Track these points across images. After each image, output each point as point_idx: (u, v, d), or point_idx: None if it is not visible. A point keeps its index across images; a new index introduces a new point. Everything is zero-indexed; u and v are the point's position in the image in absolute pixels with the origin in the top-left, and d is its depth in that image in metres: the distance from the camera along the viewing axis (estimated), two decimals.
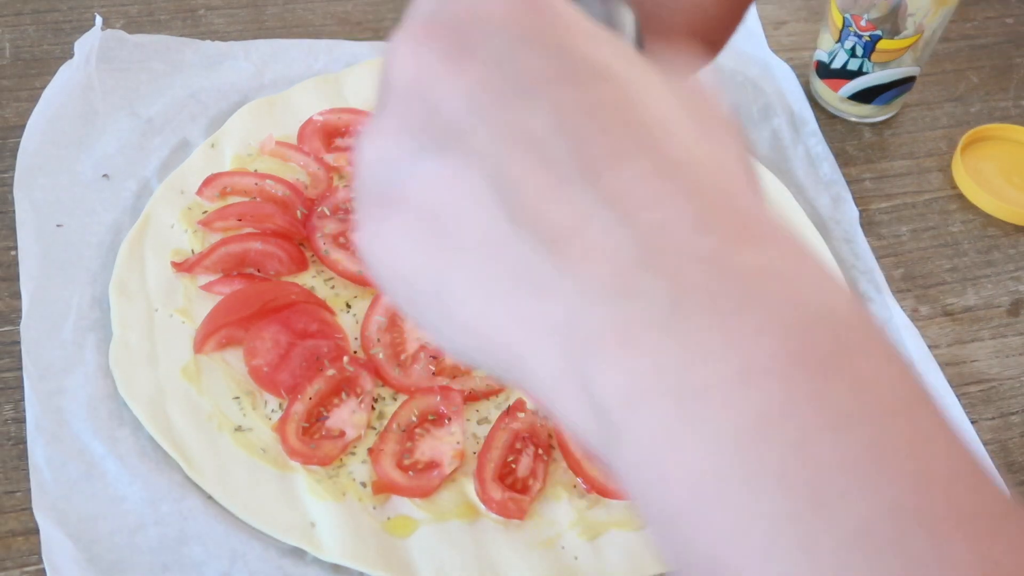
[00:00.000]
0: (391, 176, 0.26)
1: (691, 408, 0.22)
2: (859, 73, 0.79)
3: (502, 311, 0.25)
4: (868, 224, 0.76)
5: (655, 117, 0.25)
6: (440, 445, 0.60)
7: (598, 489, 0.59)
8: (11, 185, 0.69)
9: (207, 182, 0.70)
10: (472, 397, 0.63)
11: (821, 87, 0.83)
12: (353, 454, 0.60)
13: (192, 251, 0.67)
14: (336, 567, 0.55)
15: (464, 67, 0.25)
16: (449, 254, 0.25)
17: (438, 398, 0.61)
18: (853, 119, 0.83)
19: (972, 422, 0.65)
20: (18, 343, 0.62)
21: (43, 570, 0.53)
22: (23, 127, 0.72)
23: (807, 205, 0.76)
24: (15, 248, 0.67)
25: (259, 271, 0.67)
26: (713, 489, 0.22)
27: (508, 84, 0.25)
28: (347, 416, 0.61)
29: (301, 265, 0.68)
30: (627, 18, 0.30)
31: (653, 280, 0.23)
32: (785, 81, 0.84)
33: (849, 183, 0.78)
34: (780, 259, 0.24)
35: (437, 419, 0.61)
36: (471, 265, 0.25)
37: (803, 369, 0.22)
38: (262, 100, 0.76)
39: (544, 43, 0.25)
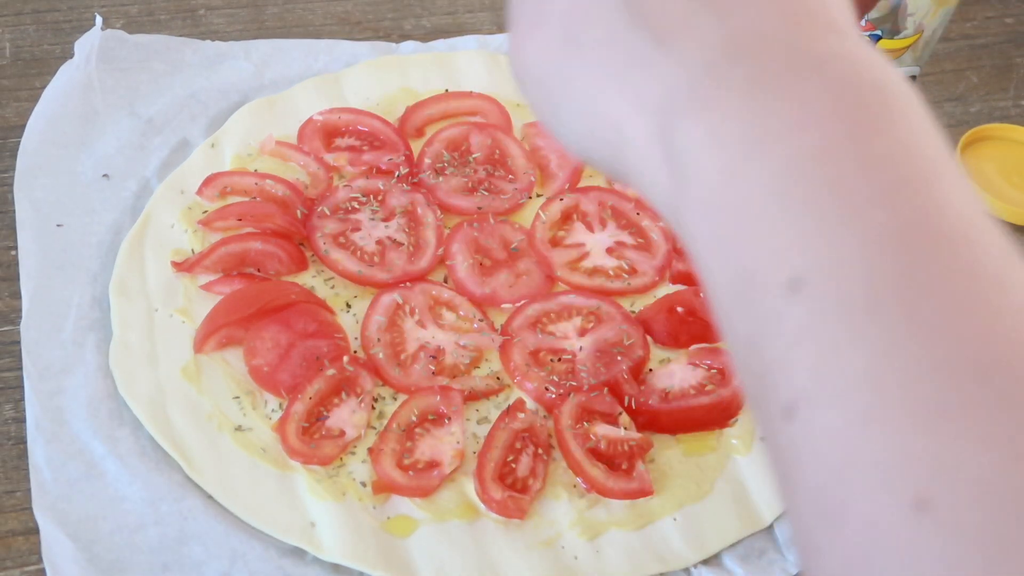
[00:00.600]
0: None
1: (750, 148, 0.27)
2: None
3: (614, 91, 0.30)
4: None
5: None
6: (440, 445, 0.60)
7: (598, 489, 0.59)
8: (11, 185, 0.69)
9: (207, 182, 0.70)
10: (472, 397, 0.63)
11: None
12: (353, 454, 0.60)
13: (192, 251, 0.67)
14: (336, 567, 0.55)
15: None
16: (578, 51, 0.31)
17: (438, 398, 0.61)
18: None
19: None
20: (18, 343, 0.62)
21: (43, 570, 0.54)
22: (23, 127, 0.72)
23: None
24: (15, 248, 0.67)
25: (259, 271, 0.67)
26: (756, 209, 0.26)
27: None
28: (347, 416, 0.61)
29: (301, 265, 0.68)
30: None
31: (735, 64, 0.28)
32: None
33: None
34: (849, 48, 0.28)
35: (437, 419, 0.61)
36: (595, 57, 0.31)
37: (848, 122, 0.26)
38: (262, 100, 0.76)
39: None
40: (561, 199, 0.72)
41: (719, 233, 0.28)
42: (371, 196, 0.71)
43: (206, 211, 0.69)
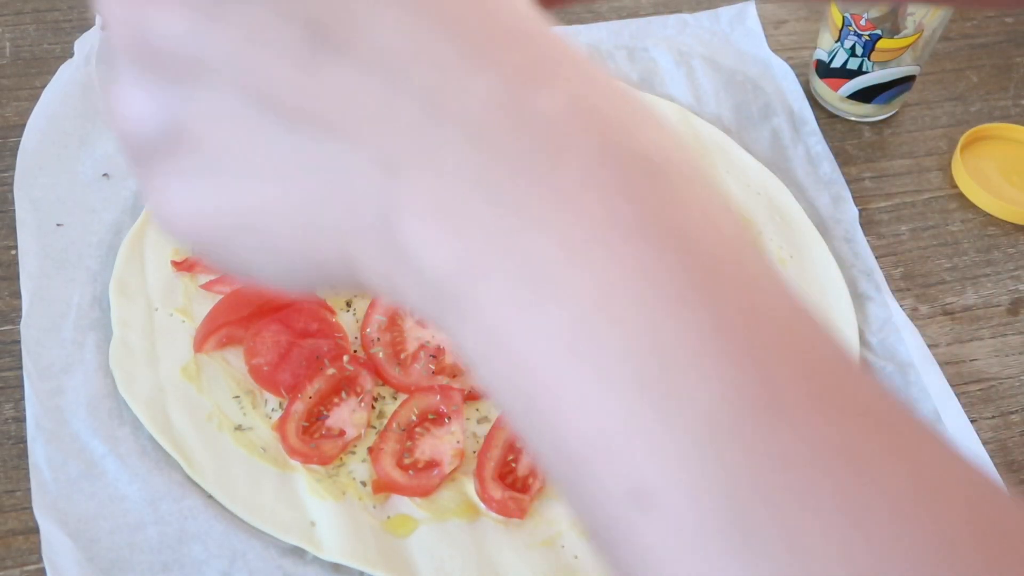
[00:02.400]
0: (153, 127, 0.24)
1: (525, 287, 0.21)
2: (859, 72, 0.79)
3: (316, 217, 0.23)
4: (868, 223, 0.76)
5: None
6: (440, 444, 0.60)
7: None
8: (11, 184, 0.69)
9: None
10: (472, 396, 0.63)
11: (821, 86, 0.83)
12: (353, 453, 0.60)
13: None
14: (336, 566, 0.55)
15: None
16: (241, 183, 0.23)
17: (438, 397, 0.61)
18: (853, 118, 0.83)
19: (972, 421, 0.65)
20: (18, 342, 0.62)
21: (43, 569, 0.54)
22: (23, 126, 0.72)
23: (807, 204, 0.76)
24: (15, 247, 0.67)
25: None
26: (558, 372, 0.21)
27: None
28: (347, 415, 0.61)
29: None
30: None
31: (446, 137, 0.21)
32: (785, 80, 0.84)
33: (849, 182, 0.78)
34: (583, 93, 0.22)
35: (437, 418, 0.61)
36: (268, 184, 0.23)
37: (635, 234, 0.21)
38: None
39: None
40: None
41: (517, 391, 0.22)
42: None
43: None
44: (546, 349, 0.21)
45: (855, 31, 0.77)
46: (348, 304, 0.66)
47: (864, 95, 0.81)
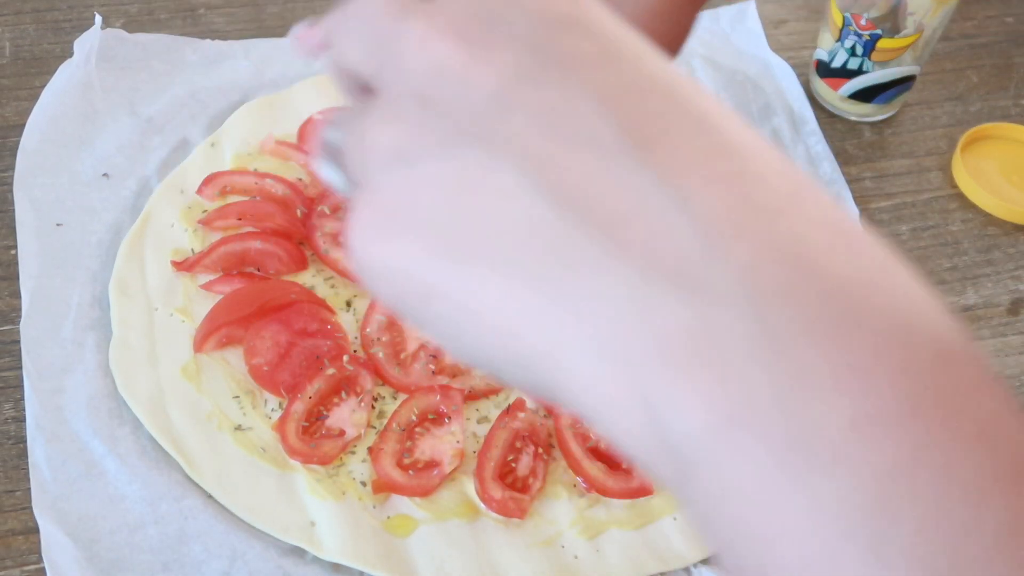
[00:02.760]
0: (401, 177, 0.23)
1: (794, 459, 0.19)
2: (859, 72, 0.79)
3: (542, 309, 0.21)
4: (868, 223, 0.76)
5: (700, 102, 0.23)
6: (440, 444, 0.60)
7: (598, 488, 0.59)
8: (11, 184, 0.69)
9: (207, 181, 0.70)
10: (472, 396, 0.63)
11: (821, 86, 0.83)
12: (353, 453, 0.60)
13: (192, 250, 0.67)
14: (336, 566, 0.55)
15: (493, 51, 0.23)
16: (476, 251, 0.22)
17: (438, 397, 0.61)
18: (853, 118, 0.83)
19: None
20: (18, 342, 0.62)
21: (43, 569, 0.53)
22: (23, 126, 0.72)
23: None
24: (15, 247, 0.67)
25: (259, 270, 0.67)
26: (827, 557, 0.19)
27: (541, 67, 0.22)
28: (347, 415, 0.61)
29: (301, 264, 0.68)
30: None
31: (723, 275, 0.20)
32: (785, 80, 0.84)
33: (849, 182, 0.78)
34: (868, 263, 0.21)
35: (437, 418, 0.61)
36: (506, 257, 0.22)
37: (926, 422, 0.19)
38: (262, 99, 0.76)
39: (578, 25, 0.23)
40: None
41: (760, 562, 0.20)
42: None
43: (206, 210, 0.69)
44: (815, 527, 0.19)
45: (855, 31, 0.77)
46: (348, 304, 0.66)
47: (864, 95, 0.81)
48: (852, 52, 0.79)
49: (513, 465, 0.60)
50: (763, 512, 0.19)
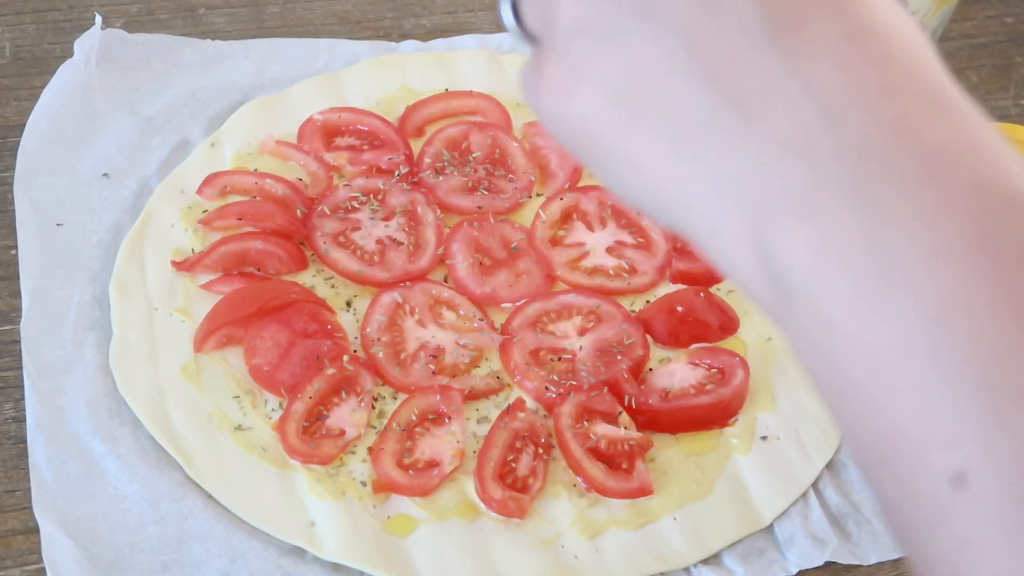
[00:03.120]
0: (587, 46, 0.28)
1: (874, 283, 0.23)
2: None
3: (685, 165, 0.27)
4: None
5: None
6: (440, 444, 0.60)
7: (598, 488, 0.59)
8: (11, 184, 0.69)
9: (207, 181, 0.70)
10: (472, 396, 0.63)
11: None
12: (353, 453, 0.60)
13: (192, 250, 0.67)
14: (336, 566, 0.55)
15: None
16: (637, 114, 0.27)
17: (438, 397, 0.61)
18: None
19: None
20: (18, 342, 0.62)
21: (43, 569, 0.54)
22: (23, 126, 0.72)
23: None
24: (15, 247, 0.67)
25: (259, 270, 0.67)
26: (895, 364, 0.23)
27: None
28: (347, 415, 0.61)
29: (301, 264, 0.68)
30: None
31: (835, 144, 0.24)
32: None
33: None
34: (966, 133, 0.25)
35: (437, 418, 0.61)
36: (662, 121, 0.27)
37: (989, 255, 0.23)
38: (262, 99, 0.76)
39: None
40: (561, 198, 0.72)
41: (845, 376, 0.24)
42: (371, 195, 0.71)
43: (206, 210, 0.69)
44: (888, 339, 0.23)
45: None
46: (348, 304, 0.66)
47: None
48: None
49: (513, 465, 0.60)
50: (847, 330, 0.23)
